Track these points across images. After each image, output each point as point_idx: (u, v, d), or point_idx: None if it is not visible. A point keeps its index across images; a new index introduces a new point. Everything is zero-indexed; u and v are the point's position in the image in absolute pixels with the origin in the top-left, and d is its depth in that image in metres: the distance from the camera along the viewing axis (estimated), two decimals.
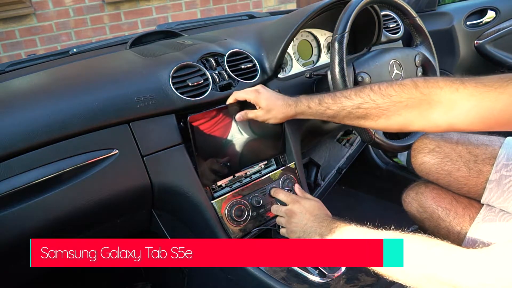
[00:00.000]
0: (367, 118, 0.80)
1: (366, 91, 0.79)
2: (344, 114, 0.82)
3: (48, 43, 3.06)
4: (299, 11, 1.12)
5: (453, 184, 0.93)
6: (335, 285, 0.83)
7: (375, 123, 0.80)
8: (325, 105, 0.84)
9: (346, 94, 0.82)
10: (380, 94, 0.76)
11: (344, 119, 0.84)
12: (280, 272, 0.87)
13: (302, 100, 0.88)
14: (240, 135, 1.01)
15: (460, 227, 0.90)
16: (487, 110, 0.64)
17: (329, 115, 0.84)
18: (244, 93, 0.92)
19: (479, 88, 0.65)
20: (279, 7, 3.68)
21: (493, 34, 1.63)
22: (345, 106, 0.81)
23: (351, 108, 0.80)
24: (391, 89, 0.75)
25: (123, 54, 1.09)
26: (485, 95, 0.64)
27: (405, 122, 0.76)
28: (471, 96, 0.66)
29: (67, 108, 0.81)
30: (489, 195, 0.88)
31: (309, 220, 0.85)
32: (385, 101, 0.76)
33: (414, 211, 1.01)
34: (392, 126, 0.79)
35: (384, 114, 0.77)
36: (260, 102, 0.91)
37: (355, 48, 1.28)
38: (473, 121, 0.67)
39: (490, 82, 0.64)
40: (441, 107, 0.71)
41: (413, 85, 0.73)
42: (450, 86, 0.69)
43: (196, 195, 0.91)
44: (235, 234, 0.94)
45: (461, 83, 0.67)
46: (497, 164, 0.87)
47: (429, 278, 0.61)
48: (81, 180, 0.79)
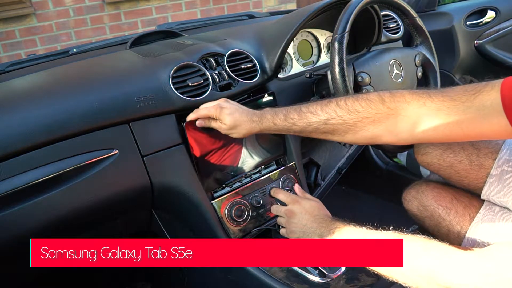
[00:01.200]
0: (334, 133, 0.78)
1: (332, 106, 0.77)
2: (311, 130, 0.80)
3: (48, 43, 3.06)
4: (299, 11, 1.11)
5: (453, 176, 0.93)
6: (335, 285, 0.83)
7: (343, 137, 0.78)
8: (291, 121, 0.82)
9: (312, 109, 0.79)
10: (346, 110, 0.75)
11: (311, 134, 0.82)
12: (280, 272, 0.87)
13: (267, 116, 0.85)
14: (238, 141, 1.01)
15: (461, 226, 0.90)
16: (456, 124, 0.63)
17: (295, 130, 0.83)
18: (206, 110, 0.88)
19: (447, 102, 0.64)
20: (279, 7, 3.68)
21: (493, 34, 1.63)
22: (311, 122, 0.79)
23: (318, 124, 0.78)
24: (358, 104, 0.73)
25: (123, 54, 1.09)
26: (452, 109, 0.63)
27: (372, 137, 0.75)
28: (438, 110, 0.65)
29: (67, 108, 0.81)
30: (489, 189, 0.88)
31: (309, 220, 0.85)
32: (352, 117, 0.74)
33: (414, 210, 1.01)
34: (360, 140, 0.77)
35: (351, 130, 0.75)
36: (224, 118, 0.87)
37: (355, 48, 1.28)
38: (442, 135, 0.67)
39: (457, 95, 0.63)
40: (408, 121, 0.69)
41: (379, 100, 0.71)
42: (417, 100, 0.67)
43: (196, 195, 0.91)
44: (235, 234, 0.94)
45: (428, 97, 0.66)
46: (499, 159, 0.87)
47: (427, 279, 0.61)
48: (81, 180, 0.79)
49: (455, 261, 0.58)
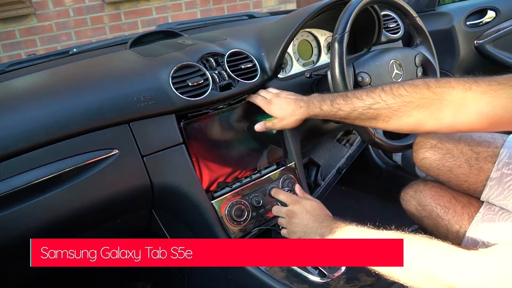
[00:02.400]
0: (378, 119, 0.79)
1: (377, 92, 0.78)
2: (356, 115, 0.82)
3: (48, 43, 3.06)
4: (299, 11, 1.12)
5: (453, 180, 0.93)
6: (335, 285, 0.83)
7: (386, 124, 0.79)
8: (337, 106, 0.84)
9: (358, 94, 0.81)
10: (391, 95, 0.76)
11: (355, 120, 0.83)
12: (280, 272, 0.87)
13: (314, 101, 0.89)
14: (238, 141, 1.01)
15: (459, 225, 0.90)
16: (501, 108, 0.62)
17: (340, 116, 0.85)
18: (259, 100, 0.98)
19: (493, 86, 0.63)
20: (279, 7, 3.68)
21: (493, 34, 1.63)
22: (356, 107, 0.81)
23: (362, 109, 0.80)
24: (403, 89, 0.75)
25: (123, 54, 1.09)
26: (499, 93, 0.62)
27: (416, 123, 0.76)
28: (484, 93, 0.64)
29: (67, 108, 0.81)
30: (489, 192, 0.88)
31: (310, 220, 0.85)
32: (396, 101, 0.75)
33: (412, 209, 1.01)
34: (403, 126, 0.78)
35: (395, 115, 0.76)
36: (272, 112, 0.95)
37: (355, 48, 1.28)
38: (485, 120, 0.66)
39: (504, 80, 0.62)
40: (452, 106, 0.69)
41: (424, 85, 0.72)
42: (462, 85, 0.67)
43: (196, 195, 0.91)
44: (235, 234, 0.94)
45: (473, 82, 0.66)
46: (499, 162, 0.87)
47: (428, 279, 0.61)
48: (81, 180, 0.79)
49: (457, 260, 0.58)
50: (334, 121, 1.17)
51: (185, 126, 0.92)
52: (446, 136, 0.93)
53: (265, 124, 0.98)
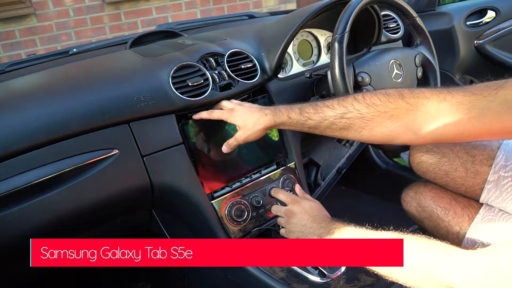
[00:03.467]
0: (351, 129, 0.75)
1: (349, 100, 0.75)
2: (326, 125, 0.77)
3: (48, 43, 3.06)
4: (299, 11, 1.12)
5: (450, 184, 0.93)
6: (335, 285, 0.83)
7: (359, 134, 0.75)
8: (306, 115, 0.79)
9: (329, 103, 0.77)
10: (364, 104, 0.72)
11: (326, 130, 0.79)
12: (280, 272, 0.87)
13: (281, 109, 0.84)
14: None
15: (459, 227, 0.91)
16: (478, 119, 0.61)
17: (310, 125, 0.80)
18: (220, 113, 0.91)
19: (468, 97, 0.62)
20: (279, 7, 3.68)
21: (493, 34, 1.63)
22: (327, 116, 0.77)
23: (334, 119, 0.76)
24: (376, 98, 0.71)
25: (123, 54, 1.09)
26: (474, 103, 0.61)
27: (390, 134, 0.72)
28: (459, 104, 0.63)
29: (67, 108, 0.81)
30: (487, 195, 0.89)
31: (308, 220, 0.85)
32: (370, 110, 0.72)
33: (413, 211, 1.01)
34: (377, 138, 0.75)
35: (368, 125, 0.73)
36: (236, 120, 0.88)
37: (355, 48, 1.28)
38: (463, 131, 0.64)
39: (478, 90, 0.61)
40: (428, 117, 0.67)
41: (399, 95, 0.70)
42: (437, 96, 0.66)
43: (196, 195, 0.91)
44: (235, 234, 0.94)
45: (448, 92, 0.65)
46: (496, 165, 0.87)
47: (428, 279, 0.61)
48: (81, 180, 0.79)
49: (456, 260, 0.58)
50: None
51: (185, 126, 0.92)
52: None
53: (228, 143, 0.92)
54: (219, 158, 0.98)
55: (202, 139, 0.96)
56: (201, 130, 0.95)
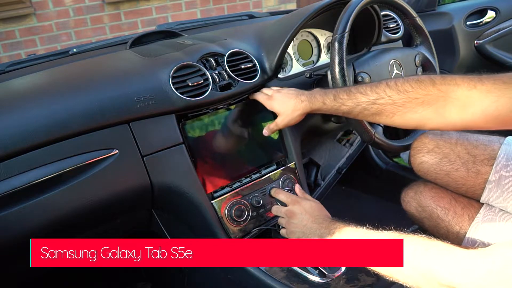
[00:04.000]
0: (382, 115, 0.78)
1: (382, 87, 0.77)
2: (359, 110, 0.81)
3: (48, 43, 3.06)
4: (299, 11, 1.12)
5: (451, 184, 0.93)
6: (335, 285, 0.83)
7: (390, 120, 0.78)
8: (340, 101, 0.83)
9: (362, 89, 0.80)
10: (396, 90, 0.75)
11: (358, 115, 0.82)
12: (280, 272, 0.87)
13: (317, 96, 0.88)
14: (238, 141, 1.01)
15: (459, 226, 0.91)
16: (505, 108, 0.62)
17: (344, 111, 0.83)
18: (261, 97, 0.98)
19: (498, 85, 0.63)
20: (279, 7, 3.68)
21: (493, 34, 1.63)
22: (360, 102, 0.80)
23: (366, 104, 0.79)
24: (408, 85, 0.74)
25: (123, 54, 1.09)
26: (504, 92, 0.62)
27: (420, 120, 0.75)
28: (489, 93, 0.64)
29: (67, 108, 0.81)
30: (488, 195, 0.88)
31: (309, 221, 0.85)
32: (401, 97, 0.74)
33: (413, 211, 1.01)
34: (408, 123, 0.77)
35: (400, 111, 0.75)
36: (273, 107, 0.94)
37: (355, 48, 1.28)
38: (490, 119, 0.65)
39: (509, 79, 0.62)
40: (458, 104, 0.69)
41: (430, 82, 0.71)
42: (467, 83, 0.67)
43: (196, 195, 0.91)
44: (235, 234, 0.94)
45: (478, 80, 0.66)
46: (497, 164, 0.87)
47: (428, 279, 0.61)
48: (81, 180, 0.79)
49: (457, 260, 0.58)
50: (334, 121, 1.17)
51: (185, 126, 0.92)
52: (443, 140, 0.93)
53: (269, 127, 0.98)
54: (219, 158, 0.98)
55: (202, 139, 0.96)
56: (201, 130, 0.95)
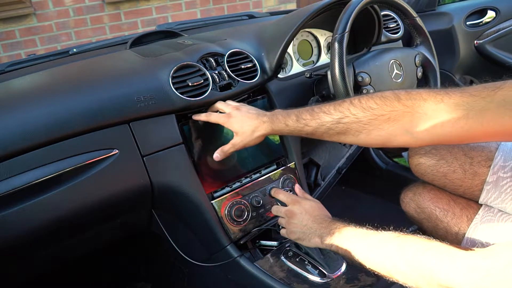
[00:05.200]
0: (348, 134, 0.75)
1: (345, 105, 0.74)
2: (323, 130, 0.77)
3: (48, 43, 3.06)
4: (299, 11, 1.12)
5: (448, 185, 0.94)
6: (335, 285, 0.83)
7: (356, 138, 0.75)
8: (303, 121, 0.79)
9: (325, 109, 0.77)
10: (360, 108, 0.72)
11: (323, 135, 0.78)
12: (280, 272, 0.87)
13: (279, 116, 0.83)
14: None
15: (458, 227, 0.91)
16: (475, 120, 0.60)
17: (307, 131, 0.80)
18: (217, 118, 0.90)
19: (465, 98, 0.61)
20: (279, 7, 3.68)
21: (493, 34, 1.63)
22: (324, 122, 0.76)
23: (331, 124, 0.75)
24: (372, 102, 0.71)
25: (123, 54, 1.09)
26: (472, 105, 0.60)
27: (387, 137, 0.71)
28: (456, 106, 0.62)
29: (67, 108, 0.81)
30: (486, 196, 0.89)
31: (309, 221, 0.85)
32: (366, 114, 0.71)
33: (412, 212, 1.01)
34: (374, 141, 0.74)
35: (365, 129, 0.72)
36: (233, 126, 0.87)
37: (355, 48, 1.28)
38: (460, 133, 0.63)
39: (476, 91, 0.60)
40: (425, 119, 0.66)
41: (395, 97, 0.69)
42: (434, 97, 0.65)
43: (196, 195, 0.91)
44: (235, 234, 0.94)
45: (445, 93, 0.64)
46: (494, 166, 0.87)
47: (427, 279, 0.61)
48: (81, 180, 0.79)
49: (456, 260, 0.58)
50: None
51: (185, 126, 0.92)
52: None
53: (223, 150, 0.90)
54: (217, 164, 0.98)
55: (202, 139, 0.96)
56: (201, 130, 0.95)
